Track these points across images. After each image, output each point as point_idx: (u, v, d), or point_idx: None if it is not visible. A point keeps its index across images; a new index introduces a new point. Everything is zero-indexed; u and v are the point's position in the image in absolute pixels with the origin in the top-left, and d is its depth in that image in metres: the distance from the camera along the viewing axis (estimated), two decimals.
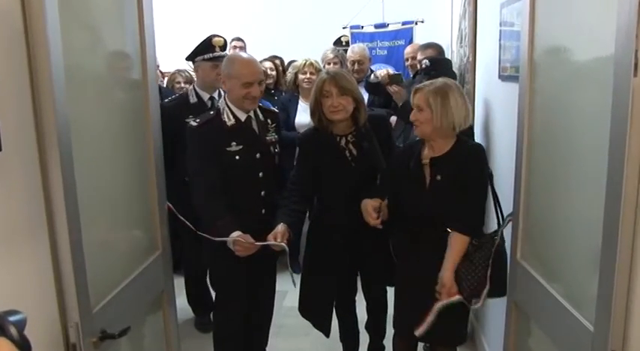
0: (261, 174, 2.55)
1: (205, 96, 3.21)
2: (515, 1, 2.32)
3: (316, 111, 2.51)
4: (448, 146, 2.25)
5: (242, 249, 2.37)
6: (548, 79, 1.73)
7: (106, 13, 1.68)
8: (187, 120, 2.60)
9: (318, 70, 3.95)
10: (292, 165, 2.77)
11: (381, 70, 3.72)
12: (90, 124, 1.55)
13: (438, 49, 3.88)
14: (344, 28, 5.69)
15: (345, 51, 4.72)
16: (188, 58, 3.30)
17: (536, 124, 1.79)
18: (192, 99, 3.22)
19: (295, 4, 6.15)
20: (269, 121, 2.63)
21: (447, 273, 2.17)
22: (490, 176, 2.28)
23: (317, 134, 2.58)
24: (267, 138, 2.60)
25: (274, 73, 4.56)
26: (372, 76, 3.78)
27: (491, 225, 2.39)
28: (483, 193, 2.26)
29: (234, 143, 2.48)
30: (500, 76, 2.69)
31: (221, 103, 2.55)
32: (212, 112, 2.54)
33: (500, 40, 2.67)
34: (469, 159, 2.22)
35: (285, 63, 5.03)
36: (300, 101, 4.09)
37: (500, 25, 2.67)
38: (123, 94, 1.81)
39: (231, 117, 2.49)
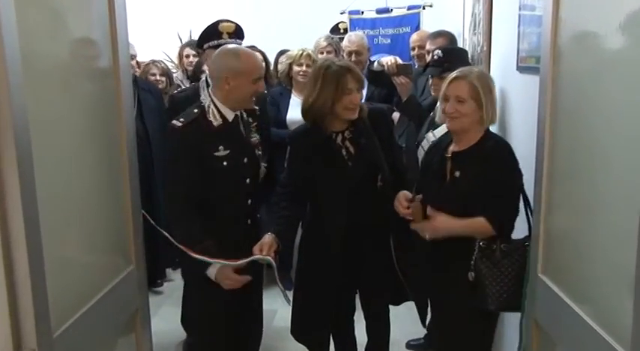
0: (248, 180, 2.54)
1: None
2: None
3: (327, 111, 2.46)
4: (474, 140, 2.28)
5: (231, 282, 2.37)
6: (575, 71, 1.70)
7: None
8: (174, 121, 2.46)
9: (314, 62, 3.93)
10: (284, 167, 2.76)
11: (388, 58, 3.68)
12: (52, 119, 1.52)
13: (449, 37, 3.87)
14: (342, 13, 5.67)
15: (342, 39, 4.70)
16: (198, 45, 3.30)
17: (559, 122, 1.77)
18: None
19: None
20: (250, 119, 2.63)
21: (445, 222, 2.22)
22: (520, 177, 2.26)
23: (309, 131, 2.58)
24: (252, 139, 2.59)
25: (262, 64, 4.52)
26: (376, 63, 3.75)
27: (519, 232, 2.36)
28: (513, 192, 2.23)
29: (221, 147, 2.43)
30: (518, 68, 2.68)
31: (205, 100, 2.48)
32: (196, 111, 2.46)
33: (519, 26, 2.66)
34: (492, 156, 2.23)
35: (276, 53, 5.01)
36: (292, 95, 4.07)
37: (520, 9, 2.66)
38: (91, 85, 1.79)
39: (217, 116, 2.44)
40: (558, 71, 1.76)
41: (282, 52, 4.65)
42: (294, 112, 3.88)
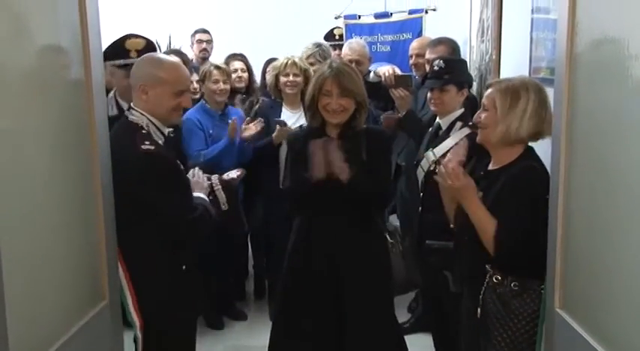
0: None
1: (125, 106, 3.01)
2: None
3: (311, 107, 2.69)
4: (507, 160, 2.27)
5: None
6: (593, 82, 1.69)
7: None
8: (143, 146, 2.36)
9: (303, 70, 3.95)
10: (272, 177, 2.84)
11: (386, 67, 3.70)
12: (13, 135, 1.49)
13: (451, 45, 3.87)
14: (337, 18, 5.69)
15: (340, 46, 4.72)
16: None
17: (576, 140, 1.77)
18: (112, 111, 3.05)
19: None
20: (172, 135, 2.67)
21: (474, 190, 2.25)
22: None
23: (308, 134, 2.73)
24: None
25: (245, 74, 4.55)
26: (372, 74, 3.76)
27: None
28: (518, 225, 2.19)
29: (177, 161, 2.46)
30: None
31: (139, 119, 2.38)
32: (144, 132, 2.37)
33: (532, 31, 2.68)
34: (510, 182, 2.21)
35: (264, 61, 5.03)
36: (283, 108, 4.07)
37: (533, 12, 2.68)
38: (59, 97, 1.77)
39: (159, 134, 2.41)
40: (575, 82, 1.76)
41: (269, 61, 4.68)
42: None
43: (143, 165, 2.25)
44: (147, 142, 2.30)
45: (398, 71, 3.69)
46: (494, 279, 2.20)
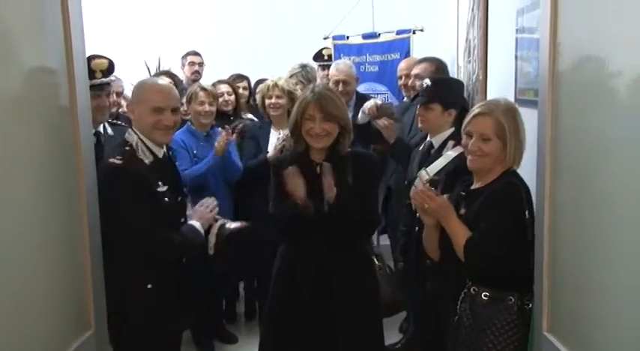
0: (182, 220, 2.63)
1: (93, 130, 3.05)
2: (538, 6, 2.33)
3: (295, 132, 2.67)
4: (493, 177, 2.31)
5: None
6: (577, 103, 1.71)
7: (17, 19, 1.63)
8: (111, 160, 2.46)
9: (288, 93, 3.97)
10: (263, 199, 2.84)
11: (368, 103, 3.72)
12: None
13: (435, 63, 3.88)
14: (325, 38, 5.71)
15: (328, 67, 4.75)
16: None
17: (561, 159, 1.77)
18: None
19: (265, 11, 6.20)
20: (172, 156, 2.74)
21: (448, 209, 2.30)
22: (531, 223, 2.21)
23: (293, 158, 2.71)
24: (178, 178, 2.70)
25: (232, 97, 4.56)
26: (360, 114, 3.76)
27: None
28: (498, 237, 2.21)
29: (160, 182, 2.49)
30: (517, 100, 2.70)
31: (131, 138, 2.51)
32: (128, 148, 2.49)
33: (516, 50, 2.69)
34: (493, 196, 2.25)
35: (253, 82, 5.06)
36: (272, 129, 4.09)
37: (517, 32, 2.70)
38: (44, 121, 1.76)
39: (147, 153, 2.50)
40: (558, 103, 1.77)
41: (259, 82, 4.71)
42: None
43: (106, 178, 2.27)
44: (118, 157, 2.41)
45: (379, 102, 3.71)
46: (471, 290, 2.24)
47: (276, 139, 3.92)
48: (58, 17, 1.81)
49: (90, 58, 3.03)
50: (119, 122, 3.54)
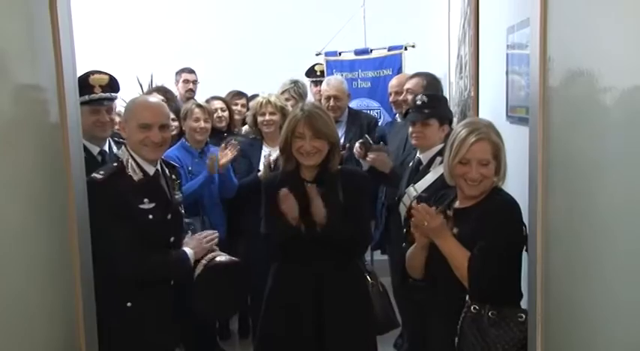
0: (172, 239, 2.60)
1: (95, 149, 3.06)
2: (527, 24, 2.34)
3: (285, 150, 2.67)
4: (480, 197, 2.32)
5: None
6: (569, 123, 1.70)
7: (7, 37, 1.62)
8: (93, 174, 2.47)
9: (280, 109, 3.98)
10: (255, 216, 2.86)
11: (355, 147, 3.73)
12: None
13: (427, 78, 3.87)
14: (317, 54, 5.74)
15: (321, 82, 4.77)
16: None
17: (552, 178, 1.77)
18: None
19: (258, 28, 6.21)
20: (173, 176, 2.72)
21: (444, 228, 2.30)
22: (525, 240, 2.24)
23: (283, 177, 2.71)
24: (175, 196, 2.67)
25: (226, 113, 4.56)
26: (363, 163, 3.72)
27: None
28: (497, 253, 2.23)
29: (146, 200, 2.48)
30: (508, 117, 2.71)
31: (123, 154, 2.56)
32: (115, 164, 2.53)
33: (507, 72, 2.70)
34: (492, 213, 2.25)
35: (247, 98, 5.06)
36: (264, 146, 4.08)
37: (508, 48, 2.71)
38: (32, 139, 1.74)
39: (137, 170, 2.51)
40: (549, 120, 1.77)
41: (252, 98, 4.71)
42: None
43: (87, 192, 2.19)
44: (101, 172, 2.45)
45: (357, 144, 3.71)
46: (472, 309, 2.21)
47: (266, 156, 3.92)
48: (48, 35, 1.80)
49: (89, 74, 3.04)
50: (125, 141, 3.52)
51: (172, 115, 3.75)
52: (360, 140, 3.67)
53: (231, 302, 2.84)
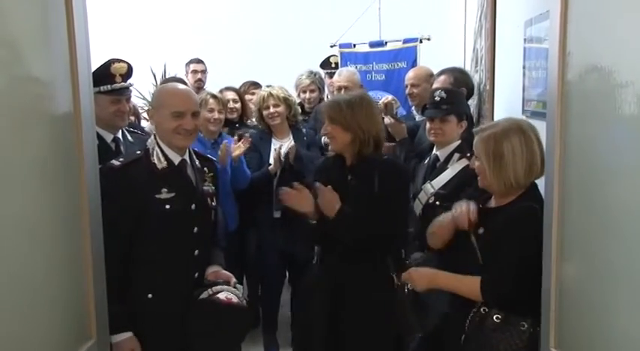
0: (195, 229, 2.54)
1: (108, 137, 3.05)
2: (546, 18, 2.31)
3: None
4: (509, 199, 2.29)
5: None
6: (587, 116, 1.67)
7: (21, 24, 1.61)
8: (110, 161, 2.46)
9: (284, 99, 3.97)
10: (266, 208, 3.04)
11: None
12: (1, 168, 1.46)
13: (453, 74, 3.82)
14: (332, 46, 5.71)
15: (332, 75, 4.77)
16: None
17: (569, 175, 1.74)
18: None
19: (272, 18, 6.21)
20: (206, 169, 2.68)
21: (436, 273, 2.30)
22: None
23: (331, 162, 2.90)
24: (205, 188, 2.62)
25: (238, 105, 4.55)
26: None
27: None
28: (513, 261, 2.20)
29: (164, 190, 2.44)
30: (524, 111, 2.68)
31: (150, 143, 2.54)
32: (139, 152, 2.52)
33: (524, 66, 2.67)
34: (511, 219, 2.22)
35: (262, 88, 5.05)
36: (273, 139, 4.09)
37: (525, 41, 2.68)
38: (44, 130, 1.73)
39: (162, 159, 2.48)
40: (567, 116, 1.74)
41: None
42: None
43: (102, 179, 2.13)
44: (121, 160, 2.45)
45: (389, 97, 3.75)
46: (481, 310, 2.20)
47: (277, 149, 3.92)
48: (62, 22, 1.78)
49: (109, 63, 3.02)
50: (138, 131, 3.52)
51: None
52: (389, 98, 3.71)
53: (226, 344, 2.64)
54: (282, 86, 4.25)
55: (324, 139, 3.86)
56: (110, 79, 2.99)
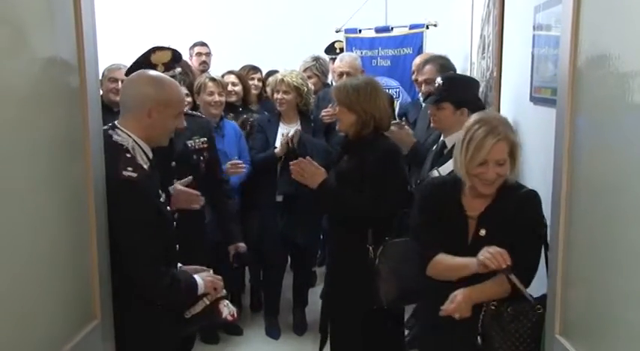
0: (175, 224, 2.43)
1: None
2: (556, 3, 2.27)
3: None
4: (495, 193, 2.25)
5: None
6: (598, 104, 1.66)
7: (28, 7, 1.60)
8: (125, 172, 2.13)
9: (295, 88, 3.95)
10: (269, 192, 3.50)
11: None
12: (8, 148, 1.45)
13: (439, 62, 3.83)
14: (337, 31, 5.68)
15: (333, 61, 4.76)
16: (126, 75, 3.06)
17: (579, 162, 1.73)
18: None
19: (277, 3, 6.18)
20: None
21: (465, 292, 2.18)
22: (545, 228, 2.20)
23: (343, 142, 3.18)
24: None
25: (237, 88, 4.54)
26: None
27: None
28: (538, 248, 2.20)
29: (160, 190, 2.28)
30: (532, 98, 2.66)
31: (127, 142, 2.21)
32: (128, 156, 2.18)
33: (532, 52, 2.65)
34: (523, 210, 2.21)
35: (264, 73, 5.04)
36: (281, 123, 4.10)
37: (534, 29, 2.66)
38: (51, 111, 1.73)
39: (144, 158, 2.23)
40: (578, 104, 1.73)
41: (270, 73, 4.70)
42: None
43: (122, 192, 2.06)
44: (130, 168, 2.12)
45: None
46: (491, 306, 2.18)
47: (284, 134, 3.92)
48: (69, 5, 1.78)
49: (150, 52, 2.95)
50: (194, 112, 3.51)
51: (186, 90, 3.73)
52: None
53: None
54: (299, 72, 4.24)
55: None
56: (151, 68, 2.77)
